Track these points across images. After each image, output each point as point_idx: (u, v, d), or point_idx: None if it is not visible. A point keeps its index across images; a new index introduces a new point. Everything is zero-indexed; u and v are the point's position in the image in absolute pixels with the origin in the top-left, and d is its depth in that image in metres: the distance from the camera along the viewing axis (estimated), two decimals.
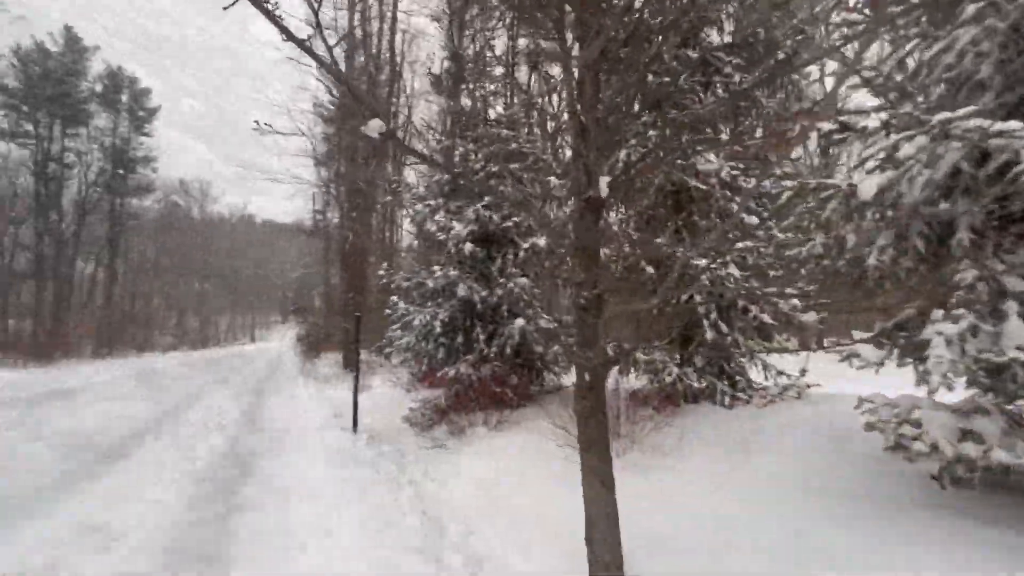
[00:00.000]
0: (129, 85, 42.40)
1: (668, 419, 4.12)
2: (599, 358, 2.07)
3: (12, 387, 13.77)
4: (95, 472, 5.64)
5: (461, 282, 6.08)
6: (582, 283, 2.10)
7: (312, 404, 10.06)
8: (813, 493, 3.13)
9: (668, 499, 3.22)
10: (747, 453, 3.76)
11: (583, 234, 2.16)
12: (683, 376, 4.81)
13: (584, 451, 2.19)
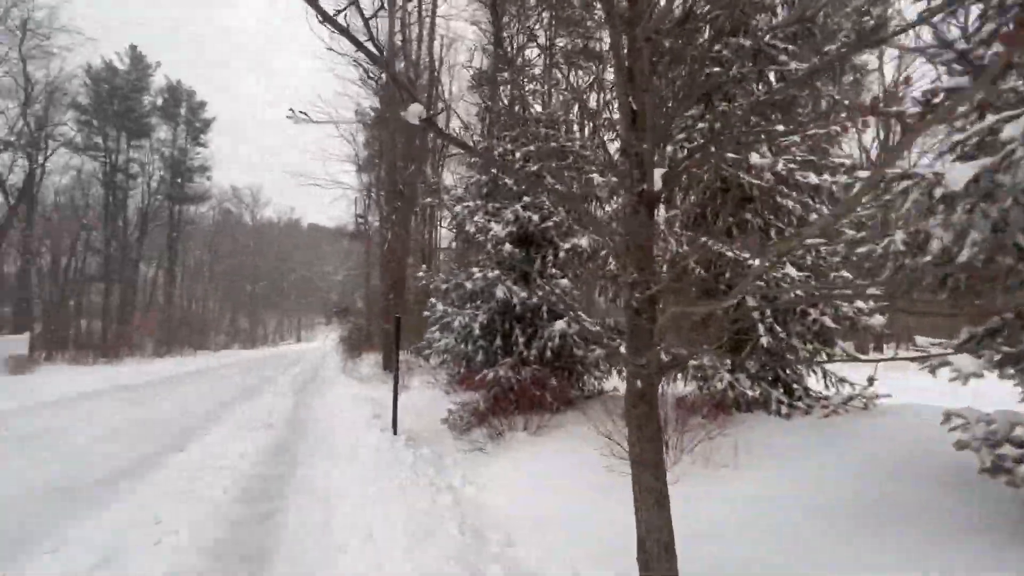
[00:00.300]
0: (187, 98, 44.93)
1: (720, 429, 3.86)
2: (653, 364, 1.91)
3: (84, 383, 14.77)
4: (154, 463, 5.90)
5: (500, 284, 5.99)
6: (635, 284, 1.94)
7: (353, 404, 10.23)
8: (889, 520, 2.81)
9: (725, 517, 2.99)
10: (809, 469, 3.45)
11: (635, 231, 2.00)
12: (735, 383, 4.51)
13: (636, 465, 2.02)
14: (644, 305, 2.00)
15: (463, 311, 6.41)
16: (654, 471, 2.00)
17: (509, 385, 6.15)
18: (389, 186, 18.98)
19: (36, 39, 30.08)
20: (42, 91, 31.45)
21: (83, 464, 5.89)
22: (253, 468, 5.66)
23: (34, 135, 31.11)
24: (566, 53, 17.15)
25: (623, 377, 6.92)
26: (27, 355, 21.44)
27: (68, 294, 35.25)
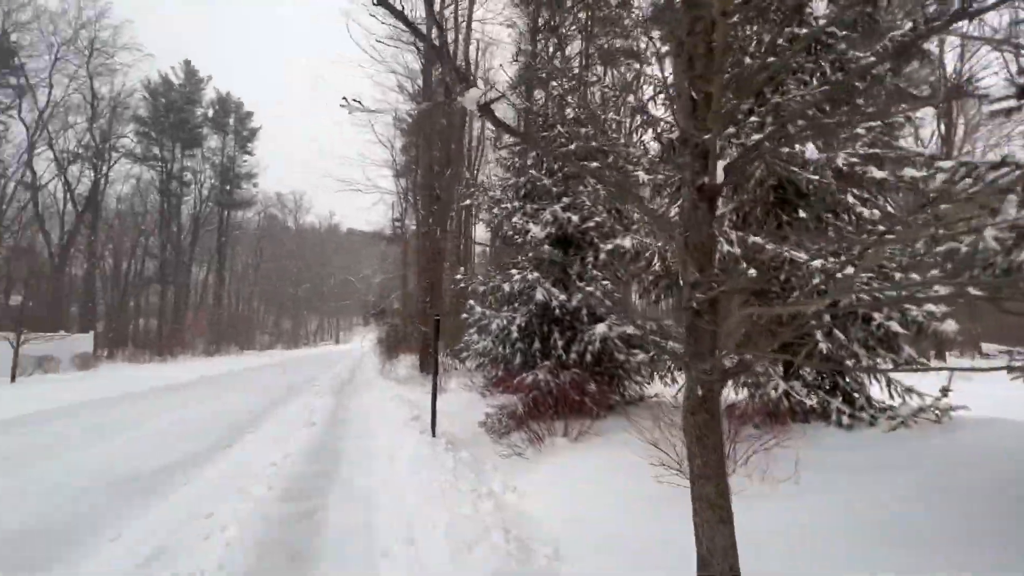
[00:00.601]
0: (235, 109, 47.06)
1: (777, 440, 3.62)
2: (717, 370, 1.78)
3: (142, 381, 15.61)
4: (205, 458, 6.12)
5: (539, 286, 5.89)
6: (696, 284, 1.81)
7: (391, 405, 10.34)
8: (985, 561, 2.51)
9: (789, 537, 2.77)
10: (882, 491, 3.16)
11: (696, 228, 1.87)
12: (791, 391, 4.25)
13: (697, 478, 1.89)
14: (705, 307, 1.86)
15: (501, 313, 6.35)
16: (716, 485, 1.86)
17: (548, 389, 6.04)
18: (425, 190, 19.23)
19: (101, 57, 32.27)
20: (106, 106, 33.68)
21: (143, 456, 6.17)
22: (296, 466, 5.77)
23: (99, 147, 33.30)
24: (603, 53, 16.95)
25: (666, 383, 6.70)
26: (91, 353, 22.88)
27: (128, 296, 37.53)
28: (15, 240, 30.35)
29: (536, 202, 7.14)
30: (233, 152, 46.44)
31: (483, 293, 7.00)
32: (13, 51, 28.85)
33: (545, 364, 6.19)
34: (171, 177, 40.23)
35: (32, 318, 24.12)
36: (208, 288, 47.06)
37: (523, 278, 5.84)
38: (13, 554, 3.52)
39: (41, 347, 18.11)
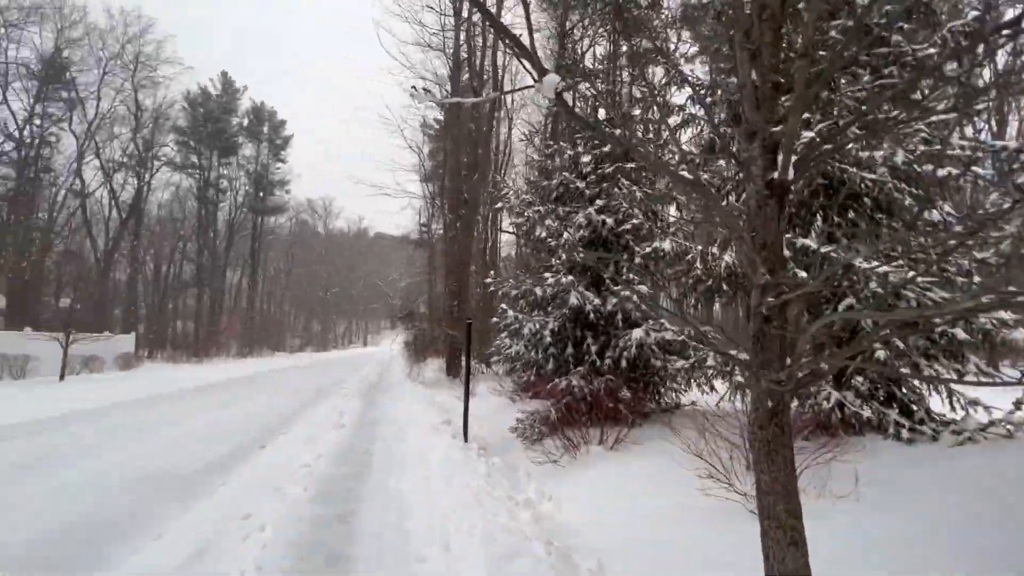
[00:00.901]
0: (269, 118, 48.53)
1: (833, 453, 3.41)
2: (792, 379, 1.64)
3: (179, 381, 16.12)
4: (241, 458, 6.22)
5: (573, 289, 5.78)
6: (766, 287, 1.69)
7: (420, 408, 10.36)
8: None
9: (852, 561, 2.57)
10: (949, 509, 2.93)
11: (764, 227, 1.75)
12: (844, 402, 4.00)
13: (765, 496, 1.75)
14: (775, 312, 1.74)
15: (533, 317, 6.26)
16: (787, 504, 1.73)
17: (582, 395, 5.91)
18: (453, 194, 19.36)
19: (146, 70, 33.76)
20: (149, 117, 35.22)
21: (182, 455, 6.31)
22: (328, 468, 5.80)
23: (142, 156, 34.80)
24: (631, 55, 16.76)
25: (704, 390, 6.48)
26: (132, 353, 23.79)
27: (167, 299, 39.01)
28: (65, 245, 31.95)
29: (568, 205, 7.04)
30: (267, 160, 47.87)
31: (514, 297, 6.92)
32: (65, 67, 30.47)
33: (578, 369, 6.06)
34: (208, 184, 41.71)
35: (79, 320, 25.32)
36: (241, 292, 48.54)
37: (557, 281, 5.73)
38: (61, 552, 3.61)
39: (87, 347, 18.91)
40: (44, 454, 6.17)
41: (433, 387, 15.30)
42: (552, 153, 7.17)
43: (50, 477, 5.22)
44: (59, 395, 11.73)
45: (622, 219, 6.06)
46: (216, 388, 14.92)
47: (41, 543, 3.66)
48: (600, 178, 6.56)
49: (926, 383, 4.32)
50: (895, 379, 4.35)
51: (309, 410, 10.99)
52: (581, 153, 7.06)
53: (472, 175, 19.43)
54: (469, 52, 19.89)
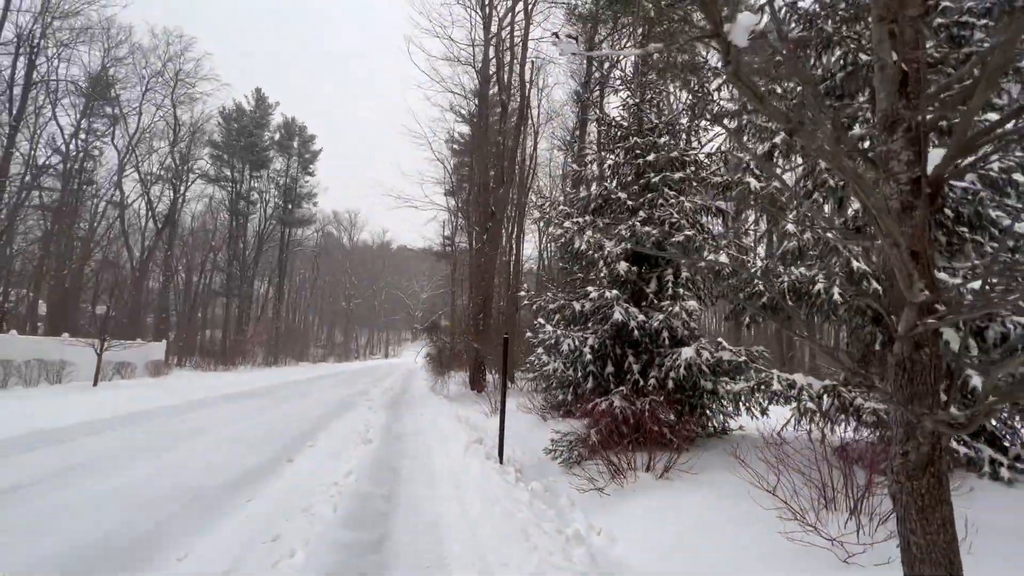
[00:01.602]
0: (299, 132, 49.84)
1: None
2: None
3: (208, 388, 16.24)
4: (268, 472, 6.04)
5: (616, 304, 5.48)
6: (923, 306, 1.39)
7: (446, 423, 10.10)
8: None
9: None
10: None
11: (912, 234, 1.46)
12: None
13: (915, 560, 1.44)
14: (926, 337, 1.43)
15: (571, 333, 5.97)
16: (950, 574, 1.40)
17: (624, 417, 5.57)
18: (480, 206, 19.30)
19: (184, 87, 35.05)
20: (186, 131, 36.47)
21: (209, 468, 6.17)
22: (358, 485, 5.58)
23: (178, 169, 35.96)
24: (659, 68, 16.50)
25: (753, 416, 6.06)
26: (163, 360, 24.23)
27: (197, 307, 39.92)
28: (104, 254, 33.04)
29: (606, 216, 6.78)
30: (296, 173, 49.03)
31: (550, 312, 6.65)
32: (111, 84, 31.83)
33: (620, 389, 5.72)
34: (239, 197, 42.87)
35: (114, 327, 25.99)
36: (268, 301, 49.44)
37: (600, 295, 5.44)
38: (84, 570, 3.44)
39: (120, 354, 19.29)
40: (67, 466, 6.09)
41: (457, 401, 15.04)
42: (591, 161, 6.93)
43: (72, 490, 5.11)
44: (90, 400, 11.87)
45: (668, 232, 5.75)
46: (242, 397, 14.95)
47: (55, 565, 3.49)
48: (643, 188, 6.28)
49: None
50: None
51: (335, 422, 10.85)
52: (622, 163, 6.81)
53: (499, 188, 19.37)
54: (498, 67, 19.97)
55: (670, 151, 5.99)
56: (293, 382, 22.50)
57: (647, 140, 6.34)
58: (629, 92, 6.79)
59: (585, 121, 21.49)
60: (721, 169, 5.91)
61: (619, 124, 6.66)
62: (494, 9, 19.92)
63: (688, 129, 6.28)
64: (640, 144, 6.35)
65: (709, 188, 5.80)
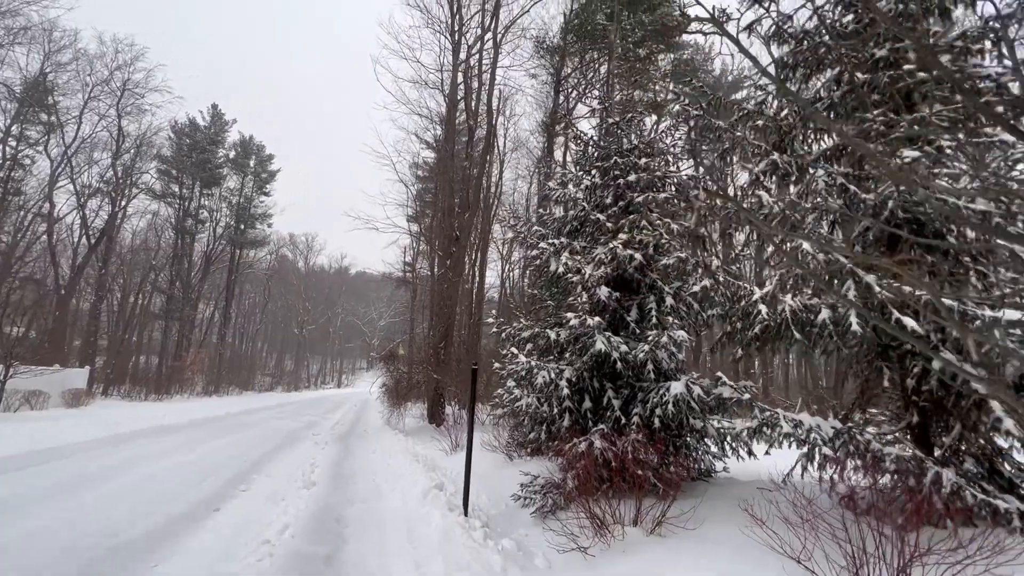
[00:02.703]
0: (257, 152, 48.24)
1: (971, 557, 2.57)
2: None
3: (132, 422, 14.46)
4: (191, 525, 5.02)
5: (599, 333, 4.97)
6: None
7: (403, 463, 9.18)
8: None
9: None
10: None
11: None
12: (961, 485, 3.15)
13: None
14: None
15: (546, 365, 5.41)
16: None
17: (604, 459, 4.99)
18: (444, 231, 18.72)
19: (133, 98, 33.23)
20: (132, 144, 34.36)
21: (116, 521, 5.11)
22: (295, 543, 4.70)
23: (120, 182, 33.65)
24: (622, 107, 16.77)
25: (739, 456, 5.62)
26: (84, 389, 21.80)
27: (132, 331, 36.81)
28: (28, 271, 30.05)
29: (584, 239, 6.37)
30: (251, 192, 47.12)
31: (521, 340, 6.08)
32: (49, 89, 29.72)
33: (599, 428, 5.16)
34: (187, 214, 40.55)
35: (33, 350, 23.29)
36: (212, 326, 46.39)
37: (581, 323, 4.93)
38: None
39: (31, 381, 17.14)
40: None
41: (414, 436, 14.03)
42: (568, 181, 6.55)
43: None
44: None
45: (653, 255, 5.36)
46: (173, 430, 13.38)
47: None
48: (623, 210, 5.92)
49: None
50: (994, 448, 3.61)
51: (276, 459, 9.71)
52: (599, 184, 6.46)
53: (464, 213, 18.93)
54: (466, 92, 19.85)
55: (654, 171, 5.68)
56: (235, 413, 20.67)
57: (628, 160, 6.03)
58: (607, 112, 6.51)
59: (552, 148, 21.60)
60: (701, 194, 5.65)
61: (598, 144, 6.36)
62: (463, 36, 19.95)
63: (671, 150, 6.01)
64: (621, 164, 6.03)
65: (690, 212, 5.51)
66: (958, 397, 3.42)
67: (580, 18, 20.44)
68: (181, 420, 16.23)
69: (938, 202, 3.48)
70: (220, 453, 10.05)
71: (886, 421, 4.22)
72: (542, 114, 25.17)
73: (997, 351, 3.08)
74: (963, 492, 3.13)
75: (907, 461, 3.27)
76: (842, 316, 3.60)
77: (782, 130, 4.47)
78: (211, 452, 10.12)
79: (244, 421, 17.55)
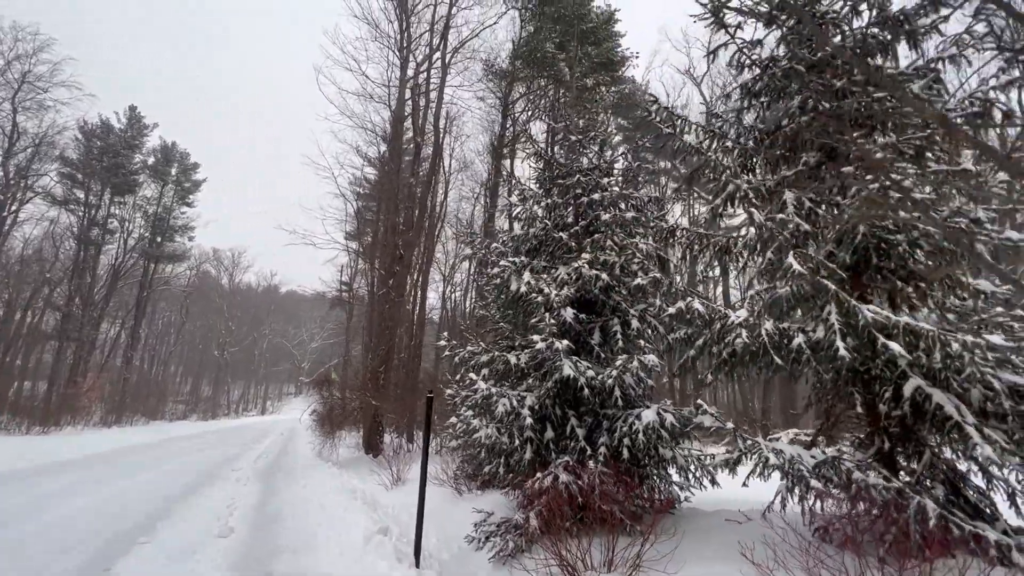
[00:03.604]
0: (180, 159, 44.85)
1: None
2: None
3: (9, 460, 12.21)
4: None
5: (565, 358, 4.65)
6: None
7: (339, 501, 8.29)
8: None
9: None
10: None
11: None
12: (947, 516, 3.07)
13: None
14: None
15: (507, 392, 5.00)
16: None
17: (570, 494, 4.63)
18: (387, 249, 17.93)
19: (33, 91, 29.82)
20: (30, 142, 30.66)
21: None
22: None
23: (11, 183, 29.80)
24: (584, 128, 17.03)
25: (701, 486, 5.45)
26: None
27: (16, 352, 32.13)
28: None
29: (543, 258, 6.10)
30: (171, 203, 43.48)
31: (479, 365, 5.64)
32: None
33: (562, 459, 4.80)
34: (93, 224, 36.53)
35: None
36: (118, 347, 41.64)
37: (549, 346, 4.58)
38: None
39: None
40: None
41: (350, 468, 12.98)
42: (529, 197, 6.30)
43: None
44: None
45: (620, 275, 5.18)
46: (60, 469, 11.48)
47: None
48: (585, 229, 5.73)
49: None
50: (957, 473, 3.63)
51: (188, 502, 8.50)
52: (560, 203, 6.26)
53: (408, 230, 18.30)
54: (413, 109, 19.46)
55: (621, 189, 5.56)
56: (138, 446, 18.30)
57: (590, 179, 5.89)
58: (568, 130, 6.38)
59: (500, 170, 21.60)
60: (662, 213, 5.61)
61: (558, 162, 6.18)
62: (411, 53, 19.67)
63: (636, 169, 5.94)
64: (583, 182, 5.87)
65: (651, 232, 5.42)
66: (933, 423, 3.42)
67: (529, 45, 20.84)
68: (76, 455, 14.08)
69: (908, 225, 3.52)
70: (118, 496, 8.66)
71: (851, 447, 4.20)
72: (489, 137, 25.26)
73: (973, 375, 3.08)
74: (949, 523, 3.07)
75: (893, 492, 3.18)
76: (818, 340, 3.53)
77: (748, 153, 4.48)
78: (107, 495, 8.69)
79: (151, 454, 15.56)
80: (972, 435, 3.11)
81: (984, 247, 3.54)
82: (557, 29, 20.77)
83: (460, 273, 30.05)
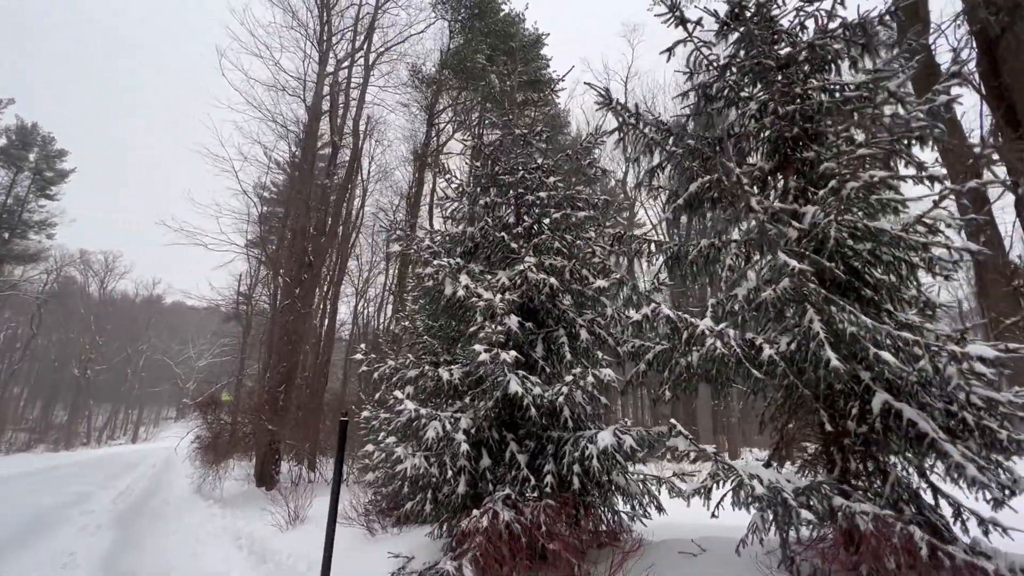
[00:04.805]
0: (42, 144, 38.57)
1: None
2: None
3: None
4: None
5: (511, 372, 3.97)
6: None
7: (220, 552, 6.81)
8: None
9: None
10: None
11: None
12: (936, 544, 2.80)
13: None
14: None
15: (438, 413, 4.22)
16: None
17: (512, 533, 3.94)
18: (295, 256, 16.16)
19: None
20: None
21: None
22: None
23: None
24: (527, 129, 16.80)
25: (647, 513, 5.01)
26: None
27: None
28: None
29: (481, 261, 5.45)
30: (26, 193, 37.00)
31: (404, 381, 4.80)
32: None
33: (505, 493, 4.10)
34: None
35: None
36: None
37: (494, 358, 3.87)
38: None
39: None
40: None
41: (237, 506, 11.12)
42: (464, 194, 5.64)
43: None
44: None
45: (570, 280, 4.66)
46: None
47: None
48: (527, 230, 5.19)
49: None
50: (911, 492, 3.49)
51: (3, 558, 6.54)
52: (500, 202, 5.68)
53: (320, 236, 16.73)
54: (332, 107, 18.07)
55: (567, 188, 5.11)
56: None
57: (535, 177, 5.39)
58: (512, 125, 5.86)
59: (423, 179, 20.76)
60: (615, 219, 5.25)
61: (501, 157, 5.62)
62: (332, 48, 18.39)
63: (588, 169, 5.53)
64: (528, 180, 5.35)
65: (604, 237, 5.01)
66: (907, 440, 3.24)
67: (459, 55, 20.46)
68: None
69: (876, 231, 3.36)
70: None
71: (802, 467, 3.99)
72: (411, 146, 24.36)
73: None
74: (937, 552, 2.84)
75: (881, 520, 2.89)
76: (791, 351, 3.24)
77: (704, 155, 4.24)
78: None
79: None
80: (951, 453, 2.95)
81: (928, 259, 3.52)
82: (487, 42, 20.64)
83: (375, 287, 28.38)
